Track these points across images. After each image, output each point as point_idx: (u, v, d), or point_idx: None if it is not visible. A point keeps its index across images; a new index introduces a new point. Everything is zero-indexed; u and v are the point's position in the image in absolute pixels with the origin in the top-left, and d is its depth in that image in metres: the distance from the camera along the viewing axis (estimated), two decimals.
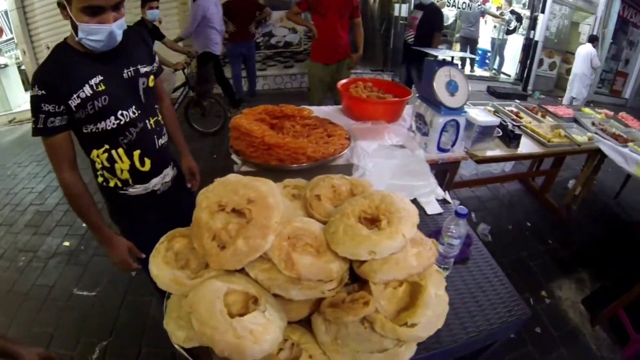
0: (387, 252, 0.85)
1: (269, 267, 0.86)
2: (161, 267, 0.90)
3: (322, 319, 0.89)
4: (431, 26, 4.72)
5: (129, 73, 1.38)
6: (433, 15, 4.76)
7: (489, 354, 1.23)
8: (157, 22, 4.24)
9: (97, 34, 1.20)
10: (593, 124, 3.47)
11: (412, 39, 4.91)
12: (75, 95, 1.24)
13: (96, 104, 1.28)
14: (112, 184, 1.47)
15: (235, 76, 5.81)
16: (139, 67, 1.41)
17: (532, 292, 2.75)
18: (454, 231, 1.07)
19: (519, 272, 2.91)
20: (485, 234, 3.25)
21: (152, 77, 1.48)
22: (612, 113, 4.11)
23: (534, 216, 3.75)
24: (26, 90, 6.48)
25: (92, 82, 1.27)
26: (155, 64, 1.55)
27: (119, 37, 1.28)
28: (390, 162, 1.59)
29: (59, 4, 1.20)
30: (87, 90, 1.26)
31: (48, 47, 5.12)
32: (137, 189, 1.50)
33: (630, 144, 3.13)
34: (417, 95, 2.04)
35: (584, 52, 6.68)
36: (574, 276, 3.05)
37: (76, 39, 1.22)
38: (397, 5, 6.68)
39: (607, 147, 3.11)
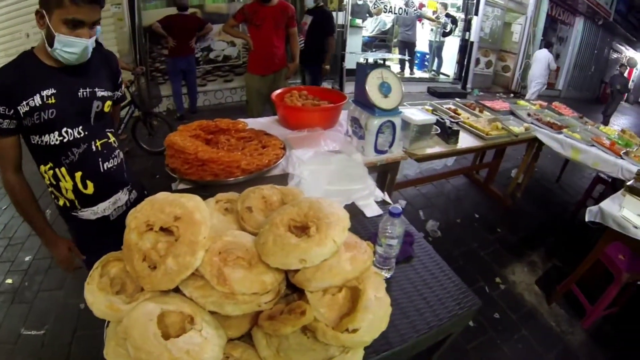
0: (317, 259, 0.84)
1: (202, 284, 0.84)
2: (96, 294, 0.86)
3: (262, 333, 0.86)
4: (322, 30, 4.75)
5: (84, 93, 1.37)
6: (323, 19, 4.79)
7: (448, 347, 1.23)
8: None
9: (74, 46, 1.22)
10: (529, 114, 3.64)
11: (303, 46, 4.90)
12: (24, 102, 1.25)
13: (42, 115, 1.28)
14: (61, 203, 1.47)
15: (176, 93, 5.70)
16: (97, 89, 1.41)
17: (487, 280, 2.83)
18: (390, 231, 1.07)
19: (471, 263, 2.98)
20: (434, 229, 3.31)
21: (108, 102, 1.47)
22: (546, 104, 4.33)
23: (481, 208, 3.86)
24: None
25: (44, 92, 1.27)
26: (118, 92, 1.58)
27: (90, 54, 1.30)
28: (327, 168, 1.58)
29: (37, 13, 1.22)
30: (37, 100, 1.26)
31: (27, 35, 4.98)
32: (85, 213, 1.49)
33: (564, 130, 3.31)
34: (352, 99, 2.06)
35: (542, 56, 7.37)
36: (526, 260, 3.17)
37: (49, 49, 1.23)
38: (333, 14, 6.75)
39: (543, 135, 3.28)
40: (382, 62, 1.94)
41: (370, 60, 1.96)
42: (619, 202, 2.32)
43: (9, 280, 2.75)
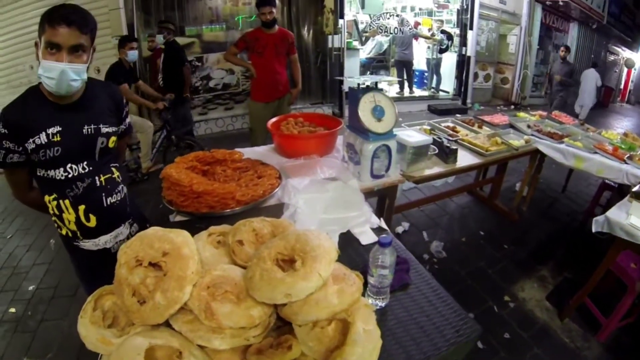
0: (303, 293, 0.84)
1: (191, 318, 0.85)
2: (88, 327, 0.87)
3: None
4: (173, 63, 4.87)
5: (89, 130, 1.40)
6: (173, 53, 4.90)
7: None
8: (95, 71, 4.27)
9: (51, 70, 1.23)
10: (529, 126, 3.62)
11: (162, 81, 5.05)
12: (31, 140, 1.29)
13: (48, 152, 1.32)
14: (64, 232, 1.49)
15: None
16: (101, 126, 1.44)
17: (495, 299, 2.76)
18: (381, 261, 1.04)
19: (479, 282, 2.92)
20: (439, 250, 3.25)
21: (113, 137, 1.50)
22: (545, 113, 4.31)
23: (486, 224, 3.80)
24: None
25: (50, 131, 1.31)
26: (122, 126, 1.60)
27: (74, 84, 1.29)
28: (323, 196, 1.57)
29: (35, 44, 1.27)
30: (43, 138, 1.30)
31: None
32: (87, 244, 1.51)
33: (565, 139, 3.28)
34: (347, 124, 2.05)
35: (591, 75, 8.02)
36: (535, 275, 3.09)
37: (38, 74, 1.27)
38: (329, 37, 6.89)
39: (545, 146, 3.25)
40: (374, 85, 1.94)
41: (363, 84, 1.95)
42: (625, 209, 2.28)
43: (12, 310, 2.77)
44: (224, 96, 6.63)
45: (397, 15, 8.30)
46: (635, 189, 2.41)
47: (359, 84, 1.92)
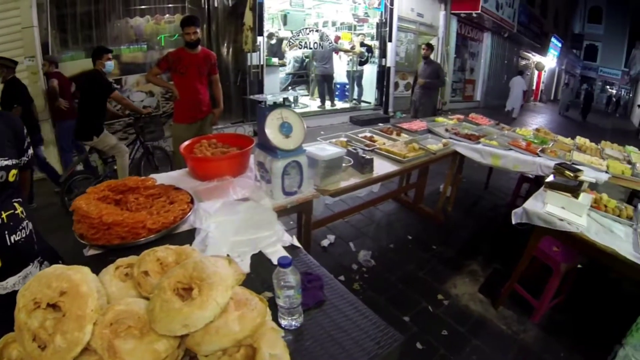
0: (201, 323, 0.82)
1: (97, 358, 0.81)
2: None
3: None
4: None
5: None
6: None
7: None
8: None
9: None
10: (447, 130, 3.80)
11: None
12: None
13: None
14: None
15: (64, 149, 5.13)
16: None
17: (429, 299, 2.82)
18: (285, 281, 1.03)
19: (410, 286, 2.96)
20: (367, 259, 3.25)
21: (13, 171, 1.36)
22: (463, 117, 4.56)
23: (413, 229, 3.90)
24: None
25: None
26: (25, 157, 1.47)
27: None
28: (233, 218, 1.54)
29: None
30: None
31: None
32: None
33: (482, 139, 3.49)
34: (256, 143, 2.03)
35: (518, 81, 9.89)
36: (465, 270, 3.23)
37: None
38: (248, 55, 6.88)
39: (462, 147, 3.43)
40: (282, 101, 1.92)
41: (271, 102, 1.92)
42: (541, 199, 2.45)
43: None
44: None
45: (317, 31, 8.43)
46: (548, 179, 2.60)
47: (265, 102, 1.90)
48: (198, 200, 1.78)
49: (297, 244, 1.53)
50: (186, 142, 2.38)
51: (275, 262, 1.38)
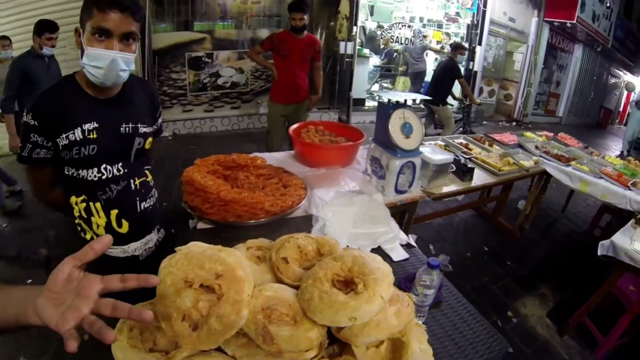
0: (367, 316, 0.83)
1: (245, 342, 0.83)
2: (127, 351, 0.79)
3: None
4: None
5: (127, 129, 1.29)
6: None
7: None
8: None
9: (100, 59, 1.12)
10: (537, 147, 3.70)
11: None
12: (64, 135, 1.18)
13: (83, 150, 1.21)
14: (88, 237, 1.34)
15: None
16: (139, 125, 1.33)
17: (499, 314, 2.82)
18: (427, 282, 1.08)
19: (483, 297, 2.97)
20: (446, 264, 3.24)
21: (150, 139, 1.39)
22: (551, 134, 4.39)
23: (490, 240, 3.86)
24: None
25: (86, 127, 1.20)
26: (156, 125, 1.47)
27: (123, 74, 1.19)
28: (350, 210, 1.55)
29: (76, 30, 1.16)
30: (78, 134, 1.19)
31: None
32: (114, 251, 1.38)
33: (572, 162, 3.36)
34: (372, 138, 2.06)
35: None
36: (536, 292, 3.17)
37: (81, 63, 1.15)
38: (342, 43, 6.87)
39: (553, 168, 3.32)
40: (404, 101, 1.95)
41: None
42: (629, 235, 2.35)
43: None
44: (231, 95, 6.51)
45: (409, 26, 8.29)
46: (639, 216, 2.49)
47: (389, 100, 1.94)
48: (309, 187, 1.79)
49: (413, 243, 1.55)
50: (295, 125, 2.41)
51: (394, 258, 1.44)
